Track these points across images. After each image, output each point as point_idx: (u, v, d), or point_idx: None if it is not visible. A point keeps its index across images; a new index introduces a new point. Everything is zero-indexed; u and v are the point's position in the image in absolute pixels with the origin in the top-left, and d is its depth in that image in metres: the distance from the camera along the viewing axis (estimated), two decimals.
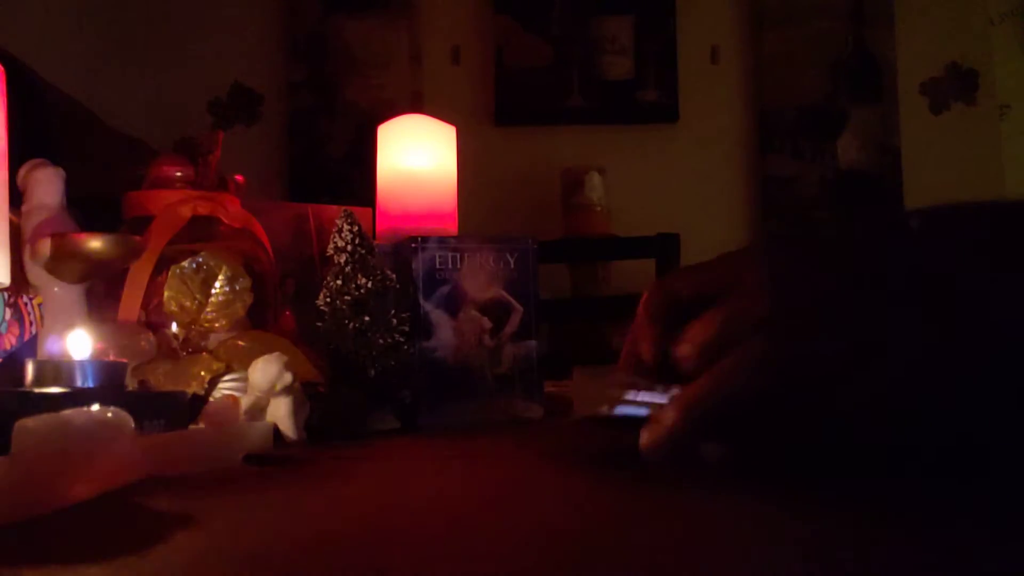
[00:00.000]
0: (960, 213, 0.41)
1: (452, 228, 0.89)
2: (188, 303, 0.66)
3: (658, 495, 0.38)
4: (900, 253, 0.39)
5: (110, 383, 0.50)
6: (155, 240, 0.69)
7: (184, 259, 0.68)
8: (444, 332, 0.74)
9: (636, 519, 0.33)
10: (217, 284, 0.68)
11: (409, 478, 0.47)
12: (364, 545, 0.29)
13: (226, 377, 0.64)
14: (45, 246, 0.64)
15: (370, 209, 0.90)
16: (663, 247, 1.81)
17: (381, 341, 0.69)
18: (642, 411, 0.41)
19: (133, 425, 0.40)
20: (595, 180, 2.14)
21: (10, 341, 0.64)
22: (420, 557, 0.27)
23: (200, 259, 0.67)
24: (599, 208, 2.15)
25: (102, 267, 0.66)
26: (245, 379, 0.61)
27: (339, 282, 0.69)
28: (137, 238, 0.67)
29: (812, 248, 0.43)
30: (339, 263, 0.70)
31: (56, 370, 0.49)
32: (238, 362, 0.64)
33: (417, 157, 0.90)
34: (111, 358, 0.56)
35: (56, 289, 0.66)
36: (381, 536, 0.30)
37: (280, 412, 0.58)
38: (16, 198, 0.66)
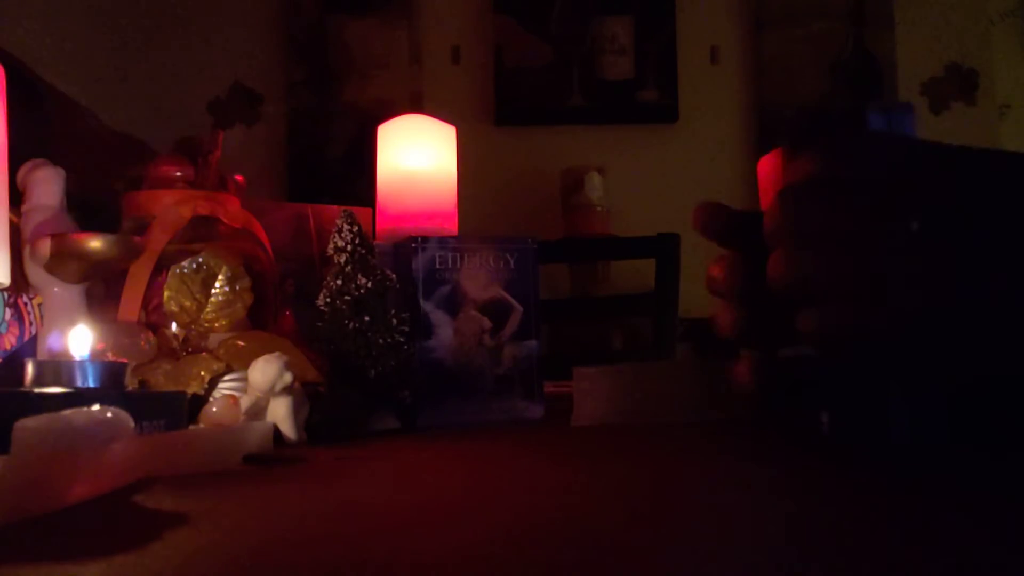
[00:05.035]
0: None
1: (452, 228, 0.89)
2: (188, 303, 0.66)
3: (660, 494, 0.38)
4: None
5: (110, 383, 0.50)
6: (155, 240, 0.69)
7: (184, 259, 0.68)
8: (444, 332, 0.74)
9: (636, 519, 0.33)
10: (217, 284, 0.68)
11: (409, 478, 0.47)
12: (364, 545, 0.29)
13: (226, 377, 0.64)
14: (45, 246, 0.64)
15: (370, 209, 0.90)
16: (663, 247, 1.80)
17: (381, 341, 0.69)
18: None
19: (133, 425, 0.40)
20: (595, 180, 2.14)
21: (10, 341, 0.64)
22: (420, 557, 0.27)
23: (200, 259, 0.67)
24: (599, 208, 2.15)
25: (102, 267, 0.66)
26: (245, 379, 0.61)
27: (339, 282, 0.69)
28: (137, 238, 0.67)
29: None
30: (339, 263, 0.70)
31: (56, 370, 0.49)
32: (238, 362, 0.64)
33: (417, 157, 0.90)
34: (111, 358, 0.56)
35: (56, 289, 0.66)
36: (381, 536, 0.30)
37: (280, 412, 0.58)
38: (16, 198, 0.66)
